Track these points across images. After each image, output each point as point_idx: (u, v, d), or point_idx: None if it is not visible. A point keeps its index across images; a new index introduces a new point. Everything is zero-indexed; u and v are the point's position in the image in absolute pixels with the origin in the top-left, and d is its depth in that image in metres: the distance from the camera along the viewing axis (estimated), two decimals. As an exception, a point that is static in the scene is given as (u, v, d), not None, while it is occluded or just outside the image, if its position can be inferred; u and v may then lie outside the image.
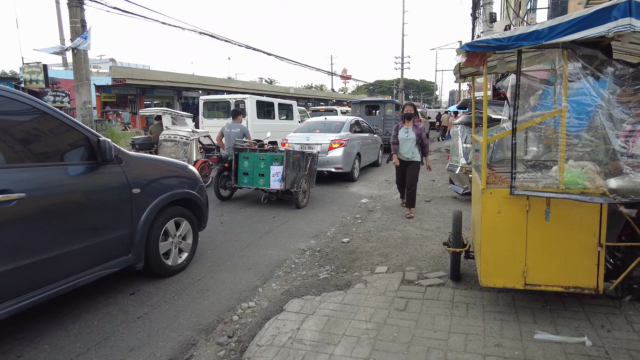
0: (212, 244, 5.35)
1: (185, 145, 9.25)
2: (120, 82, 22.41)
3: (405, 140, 6.44)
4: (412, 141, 6.42)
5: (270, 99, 15.01)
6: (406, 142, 6.45)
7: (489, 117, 6.89)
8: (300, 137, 10.14)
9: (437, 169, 11.95)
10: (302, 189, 7.47)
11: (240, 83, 33.58)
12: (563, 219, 2.69)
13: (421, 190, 8.73)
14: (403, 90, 55.87)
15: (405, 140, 6.44)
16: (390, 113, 17.21)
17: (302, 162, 7.76)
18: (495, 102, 7.78)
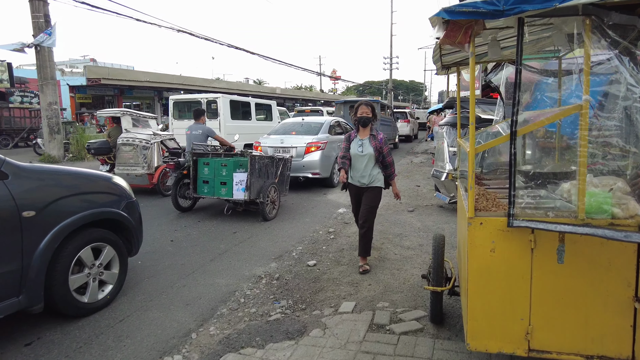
0: (152, 270, 4.49)
1: (145, 149, 8.36)
2: (96, 82, 21.39)
3: (359, 156, 4.27)
4: (369, 158, 4.25)
5: (247, 98, 14.15)
6: (360, 159, 4.26)
7: (478, 117, 6.12)
8: (274, 139, 9.31)
9: (423, 172, 11.18)
10: (271, 198, 6.64)
11: (224, 83, 32.65)
12: (583, 261, 1.90)
13: (405, 197, 7.94)
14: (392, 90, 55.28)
15: (360, 156, 4.26)
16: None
17: (271, 169, 6.93)
18: (486, 100, 7.04)
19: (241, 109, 13.43)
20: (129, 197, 3.96)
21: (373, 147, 4.24)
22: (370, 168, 4.28)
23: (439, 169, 6.39)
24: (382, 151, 4.28)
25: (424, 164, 13.34)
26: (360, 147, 4.27)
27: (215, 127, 12.12)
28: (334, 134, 9.98)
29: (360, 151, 4.26)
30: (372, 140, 4.27)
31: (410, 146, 21.59)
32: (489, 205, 2.11)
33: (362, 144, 4.28)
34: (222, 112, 12.07)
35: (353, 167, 4.36)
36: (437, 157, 6.62)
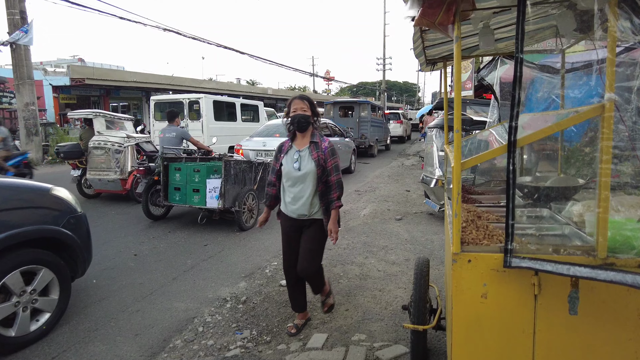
0: (105, 291, 3.99)
1: (117, 153, 7.84)
2: (80, 83, 20.75)
3: (296, 177, 2.96)
4: (309, 178, 2.94)
5: (232, 99, 13.63)
6: (298, 180, 2.96)
7: (469, 119, 5.68)
8: (256, 142, 8.83)
9: (414, 176, 10.74)
10: (248, 206, 6.15)
11: (214, 83, 32.09)
12: (603, 312, 1.44)
13: (393, 203, 7.49)
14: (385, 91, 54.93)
15: (297, 177, 2.95)
16: (366, 115, 15.93)
17: (249, 174, 6.44)
18: (478, 101, 6.61)
19: (226, 110, 12.91)
20: (73, 211, 3.46)
21: (315, 161, 2.87)
22: (311, 192, 2.91)
23: (428, 174, 5.94)
24: (326, 166, 2.89)
25: (415, 167, 12.91)
26: (296, 161, 2.92)
27: (197, 128, 11.63)
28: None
29: (295, 168, 2.90)
30: (314, 151, 2.91)
31: (402, 147, 21.18)
32: (480, 236, 1.65)
33: (299, 158, 2.92)
34: (205, 113, 11.55)
35: (286, 191, 3.03)
36: (427, 161, 6.17)
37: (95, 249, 5.08)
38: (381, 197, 8.10)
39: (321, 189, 2.91)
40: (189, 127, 11.62)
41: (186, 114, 11.65)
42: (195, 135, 11.85)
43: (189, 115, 11.69)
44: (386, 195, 8.34)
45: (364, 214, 6.76)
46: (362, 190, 8.93)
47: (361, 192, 8.79)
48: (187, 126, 11.62)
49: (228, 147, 12.24)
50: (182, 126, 11.71)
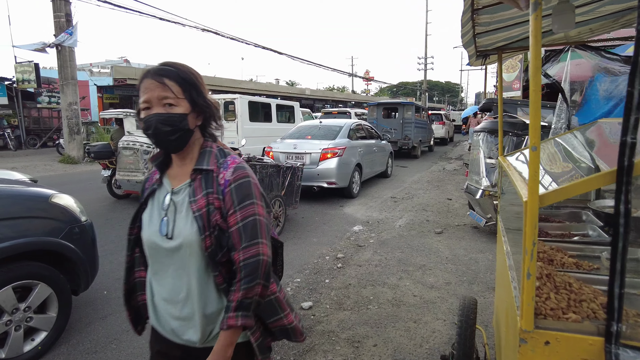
0: (112, 305, 3.70)
1: (146, 154, 7.69)
2: (122, 83, 21.28)
3: (164, 254, 1.30)
4: (189, 256, 1.26)
5: (267, 99, 13.39)
6: (168, 260, 1.29)
7: (521, 122, 5.03)
8: (286, 145, 8.44)
9: (457, 182, 10.03)
10: (274, 214, 5.77)
11: (252, 84, 32.23)
12: None
13: (433, 213, 6.89)
14: (427, 91, 53.51)
15: (166, 254, 1.29)
16: (410, 116, 15.69)
17: (276, 179, 6.07)
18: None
19: (261, 111, 12.72)
20: (75, 220, 3.17)
21: (197, 218, 1.24)
22: (198, 286, 1.27)
23: (474, 183, 5.33)
24: (226, 224, 1.26)
25: (457, 172, 12.14)
26: (164, 217, 1.30)
27: (232, 129, 11.49)
28: (356, 139, 9.05)
29: (162, 232, 1.28)
30: (199, 193, 1.27)
31: (443, 150, 20.29)
32: (562, 303, 1.13)
33: (170, 208, 1.30)
34: (240, 113, 11.38)
35: (156, 282, 1.36)
36: (472, 168, 5.55)
37: (112, 256, 4.89)
38: (419, 206, 7.51)
39: (220, 280, 1.26)
40: (224, 127, 11.51)
41: (221, 114, 11.54)
42: (229, 137, 11.79)
43: (225, 116, 11.56)
44: (425, 203, 7.73)
45: (400, 224, 6.22)
46: (399, 197, 8.36)
47: (397, 199, 8.22)
48: (223, 127, 11.51)
49: (263, 148, 12.00)
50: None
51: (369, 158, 9.44)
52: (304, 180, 7.67)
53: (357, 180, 8.67)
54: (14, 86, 18.38)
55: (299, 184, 6.73)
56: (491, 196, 4.98)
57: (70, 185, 10.11)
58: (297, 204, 6.69)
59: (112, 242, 5.44)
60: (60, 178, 11.31)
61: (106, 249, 5.14)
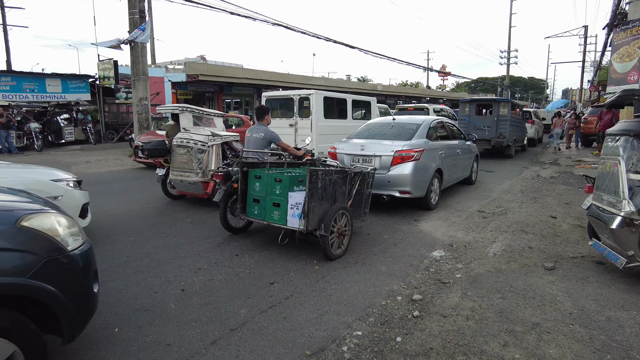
0: (119, 351, 2.86)
1: (200, 152, 7.01)
2: (194, 79, 21.48)
3: None
4: None
5: (343, 95, 12.41)
6: None
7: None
8: (353, 145, 7.34)
9: (557, 194, 8.30)
10: (338, 229, 4.73)
11: (323, 80, 31.48)
12: None
13: (535, 237, 5.44)
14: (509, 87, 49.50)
15: None
16: (505, 113, 14.64)
17: (341, 187, 5.04)
18: None
19: (336, 107, 11.83)
20: (56, 250, 2.34)
21: None
22: None
23: (605, 206, 3.87)
24: None
25: (555, 180, 10.28)
26: None
27: (306, 127, 10.72)
28: (435, 139, 7.72)
29: None
30: None
31: (534, 152, 18.02)
32: None
33: None
34: (315, 110, 10.55)
35: None
36: (602, 184, 4.08)
37: (141, 275, 4.15)
38: (516, 225, 6.06)
39: None
40: (298, 124, 10.77)
41: (296, 110, 10.84)
42: (303, 134, 10.98)
43: (299, 113, 10.81)
44: (523, 221, 6.25)
45: (494, 252, 4.88)
46: (488, 212, 6.92)
47: (487, 214, 6.80)
48: (297, 124, 10.79)
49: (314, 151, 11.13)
50: (292, 123, 10.93)
51: (451, 162, 8.03)
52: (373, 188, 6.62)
53: (436, 189, 7.34)
54: (96, 83, 19.17)
55: (369, 192, 5.66)
56: (637, 228, 3.52)
57: (130, 182, 9.86)
58: (365, 216, 5.63)
59: (148, 255, 4.73)
60: (125, 173, 11.20)
61: (137, 265, 4.42)
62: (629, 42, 12.49)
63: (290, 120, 11.03)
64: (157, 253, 4.80)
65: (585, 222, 6.08)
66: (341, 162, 7.18)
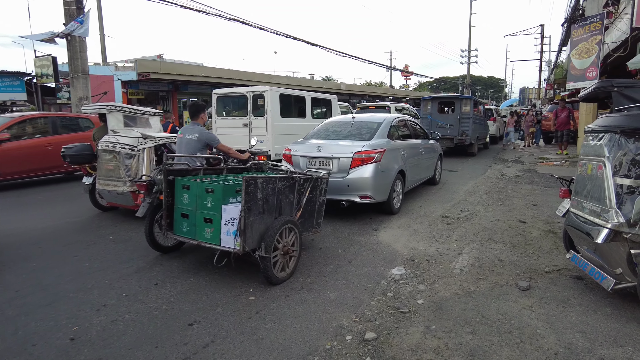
0: None
1: (129, 158, 6.08)
2: (145, 77, 20.16)
3: None
4: None
5: (301, 92, 11.63)
6: None
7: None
8: (309, 146, 6.62)
9: (524, 194, 7.86)
10: (283, 247, 3.98)
11: (286, 79, 30.60)
12: None
13: (505, 246, 4.88)
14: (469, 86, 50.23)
15: None
16: (468, 110, 14.44)
17: (288, 196, 4.29)
18: None
19: (294, 105, 11.05)
20: None
21: None
22: None
23: (590, 215, 3.30)
24: None
25: (520, 179, 9.92)
26: None
27: (261, 126, 9.86)
28: (397, 138, 7.13)
29: None
30: None
31: (497, 149, 17.92)
32: None
33: None
34: (270, 108, 9.72)
35: None
36: (582, 189, 3.52)
37: (28, 317, 3.16)
38: (483, 232, 5.50)
39: None
40: (252, 124, 9.91)
41: (250, 109, 9.97)
42: (258, 135, 10.14)
43: (253, 112, 9.96)
44: (491, 228, 5.71)
45: (461, 267, 4.26)
46: (453, 217, 6.35)
47: (451, 219, 6.22)
48: (251, 123, 9.92)
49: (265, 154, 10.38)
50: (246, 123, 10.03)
51: (414, 162, 7.50)
52: (329, 193, 5.84)
53: (399, 192, 6.77)
54: (33, 81, 17.58)
55: (323, 200, 4.96)
56: (628, 242, 2.95)
57: (59, 191, 8.71)
58: (319, 227, 4.92)
59: (45, 288, 3.81)
60: (54, 182, 9.99)
61: (24, 303, 3.50)
62: (587, 38, 12.37)
63: (243, 120, 10.17)
64: (58, 285, 3.89)
65: (556, 226, 5.59)
66: (296, 165, 6.50)
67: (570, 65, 13.18)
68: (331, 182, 5.95)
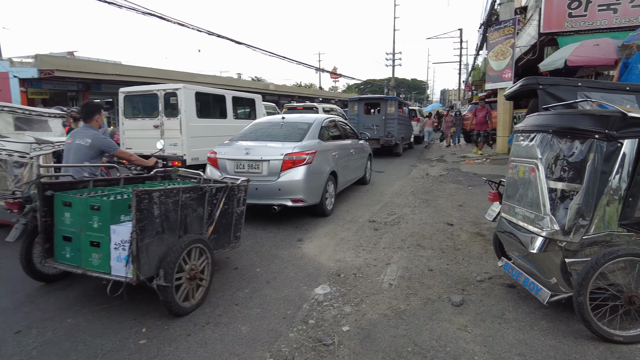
0: None
1: (18, 167, 5.07)
2: (49, 75, 18.09)
3: None
4: None
5: (220, 90, 10.81)
6: None
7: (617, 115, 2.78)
8: (237, 149, 6.16)
9: (450, 194, 7.83)
10: (189, 272, 3.35)
11: (211, 78, 29.27)
12: None
13: (435, 252, 4.63)
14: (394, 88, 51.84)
15: None
16: (393, 111, 14.47)
17: (196, 209, 3.67)
18: (608, 84, 3.79)
19: (213, 105, 10.15)
20: None
21: None
22: None
23: (523, 222, 3.05)
24: None
25: (445, 178, 10.00)
26: None
27: (175, 128, 8.89)
28: (328, 139, 6.92)
29: None
30: None
31: (421, 149, 18.34)
32: None
33: None
34: (184, 107, 8.78)
35: None
36: (514, 193, 3.28)
37: None
38: (412, 238, 5.24)
39: None
40: (164, 125, 8.91)
41: (161, 109, 8.94)
42: (171, 138, 9.21)
43: (165, 112, 8.96)
44: (419, 232, 5.47)
45: (389, 280, 3.90)
46: (380, 221, 6.06)
47: (379, 224, 5.93)
48: (163, 124, 8.92)
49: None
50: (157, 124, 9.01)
51: (346, 163, 7.39)
52: (259, 198, 5.75)
53: (331, 193, 6.59)
54: None
55: (242, 211, 4.39)
56: (563, 250, 2.73)
57: None
58: (237, 242, 4.35)
59: None
60: None
61: None
62: (502, 41, 12.91)
63: (154, 121, 9.15)
64: None
65: (484, 228, 5.49)
66: (223, 169, 6.00)
67: (488, 66, 13.71)
68: (261, 186, 5.68)
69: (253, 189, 5.47)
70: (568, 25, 10.91)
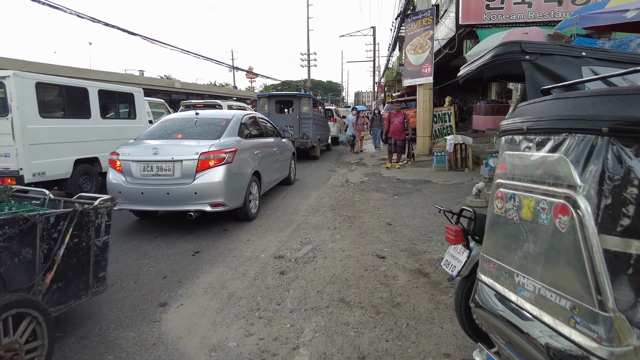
0: None
1: None
2: None
3: None
4: None
5: (80, 82, 8.22)
6: None
7: None
8: (144, 148, 5.29)
9: (374, 205, 6.43)
10: (9, 350, 1.47)
11: (102, 74, 25.60)
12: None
13: (363, 315, 3.07)
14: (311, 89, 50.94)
15: None
16: (307, 110, 13.03)
17: (18, 253, 1.89)
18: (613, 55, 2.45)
19: (67, 100, 7.43)
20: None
21: None
22: None
23: (543, 311, 1.57)
24: None
25: (366, 185, 8.67)
26: None
27: (4, 131, 6.35)
28: (248, 137, 6.29)
29: None
30: None
31: (339, 151, 17.14)
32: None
33: None
34: (17, 104, 6.30)
35: None
36: (513, 247, 1.81)
37: None
38: (331, 286, 3.66)
39: None
40: None
41: None
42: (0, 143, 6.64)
43: None
44: (340, 275, 3.91)
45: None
46: (290, 258, 4.42)
47: (287, 262, 4.28)
48: None
49: (74, 162, 7.11)
50: None
51: (270, 162, 6.93)
52: (172, 204, 5.06)
53: (255, 195, 6.10)
54: None
55: (105, 242, 2.67)
56: None
57: None
58: (102, 285, 2.65)
59: None
60: None
61: None
62: (420, 33, 12.01)
63: None
64: None
65: (424, 261, 4.07)
66: (127, 173, 5.17)
67: (406, 61, 12.77)
68: (174, 190, 4.98)
69: (164, 193, 4.96)
70: (486, 17, 10.32)
